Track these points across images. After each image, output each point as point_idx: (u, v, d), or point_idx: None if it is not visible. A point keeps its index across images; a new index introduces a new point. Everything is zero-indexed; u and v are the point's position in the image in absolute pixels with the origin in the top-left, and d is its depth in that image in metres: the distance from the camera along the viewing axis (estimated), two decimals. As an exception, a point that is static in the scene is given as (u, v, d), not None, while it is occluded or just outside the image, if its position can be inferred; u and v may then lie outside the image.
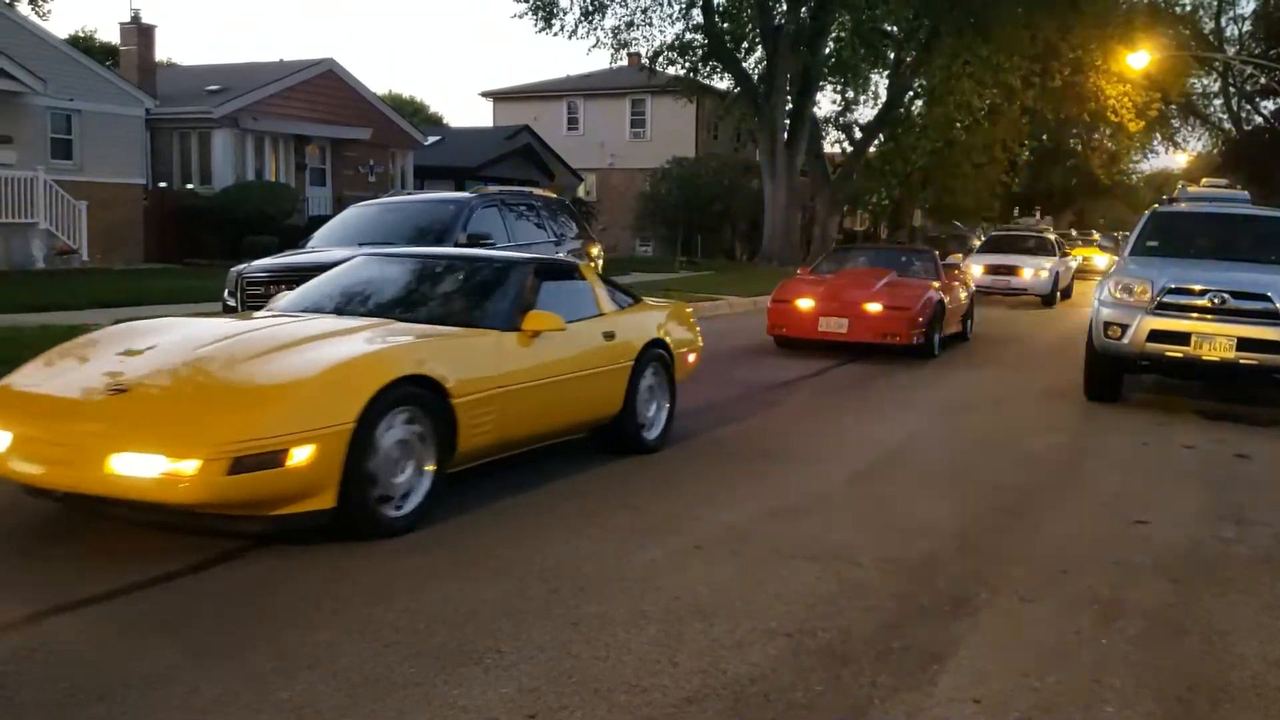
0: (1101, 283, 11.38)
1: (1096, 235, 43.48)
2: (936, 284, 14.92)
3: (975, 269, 24.17)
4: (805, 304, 14.22)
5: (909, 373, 13.12)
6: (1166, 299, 10.39)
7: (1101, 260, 37.19)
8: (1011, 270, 25.37)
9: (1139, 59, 30.73)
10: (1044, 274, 25.27)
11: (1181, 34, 40.85)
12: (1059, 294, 26.49)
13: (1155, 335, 10.34)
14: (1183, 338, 10.23)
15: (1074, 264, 29.72)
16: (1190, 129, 53.28)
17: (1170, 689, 4.15)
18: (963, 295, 16.34)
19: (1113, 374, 11.08)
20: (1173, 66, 37.95)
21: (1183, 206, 13.08)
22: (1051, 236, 28.12)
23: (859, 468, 7.88)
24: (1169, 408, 11.13)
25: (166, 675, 3.93)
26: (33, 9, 31.16)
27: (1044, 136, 49.78)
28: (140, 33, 29.59)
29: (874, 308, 13.80)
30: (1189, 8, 46.46)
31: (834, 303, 14.08)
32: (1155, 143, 53.52)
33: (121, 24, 30.13)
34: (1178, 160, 63.04)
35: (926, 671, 4.20)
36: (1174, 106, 48.08)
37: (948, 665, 4.27)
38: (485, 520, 6.08)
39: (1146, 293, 10.48)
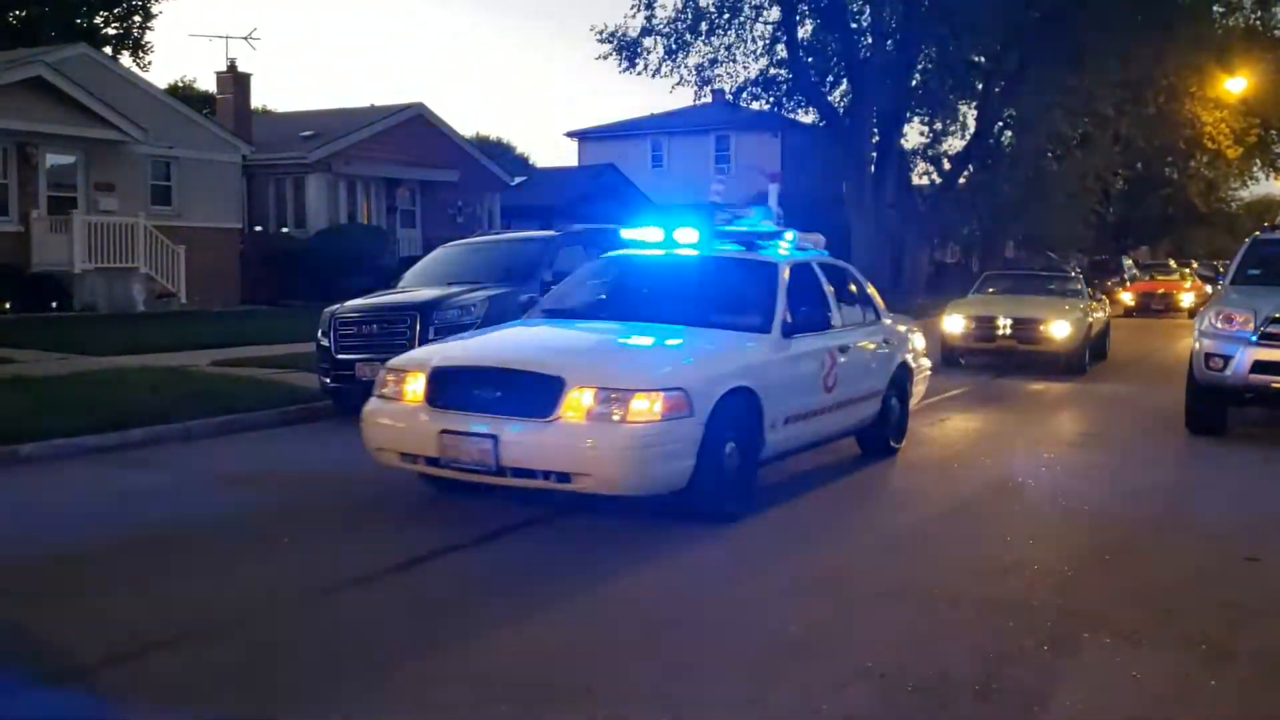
0: (1202, 313, 11.07)
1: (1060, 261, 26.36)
2: None
3: None
4: None
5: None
6: (1271, 329, 10.05)
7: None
8: None
9: (1236, 84, 30.03)
10: None
11: (1281, 57, 39.81)
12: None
13: (1260, 366, 10.00)
14: None
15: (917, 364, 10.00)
16: (1292, 154, 51.77)
17: (1287, 734, 3.97)
18: None
19: (1216, 407, 10.73)
20: (1272, 90, 36.98)
21: (1285, 234, 12.70)
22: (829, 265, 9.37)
23: (955, 504, 7.72)
24: (1278, 440, 10.76)
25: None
26: (134, 61, 32.16)
27: (1138, 165, 48.77)
28: (236, 81, 30.36)
29: None
30: (1287, 29, 45.29)
31: None
32: (1255, 169, 52.08)
33: (218, 73, 30.91)
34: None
35: (1027, 713, 4.08)
36: (1274, 132, 46.79)
37: (1049, 707, 4.14)
38: (574, 560, 6.07)
39: (1250, 323, 10.15)
